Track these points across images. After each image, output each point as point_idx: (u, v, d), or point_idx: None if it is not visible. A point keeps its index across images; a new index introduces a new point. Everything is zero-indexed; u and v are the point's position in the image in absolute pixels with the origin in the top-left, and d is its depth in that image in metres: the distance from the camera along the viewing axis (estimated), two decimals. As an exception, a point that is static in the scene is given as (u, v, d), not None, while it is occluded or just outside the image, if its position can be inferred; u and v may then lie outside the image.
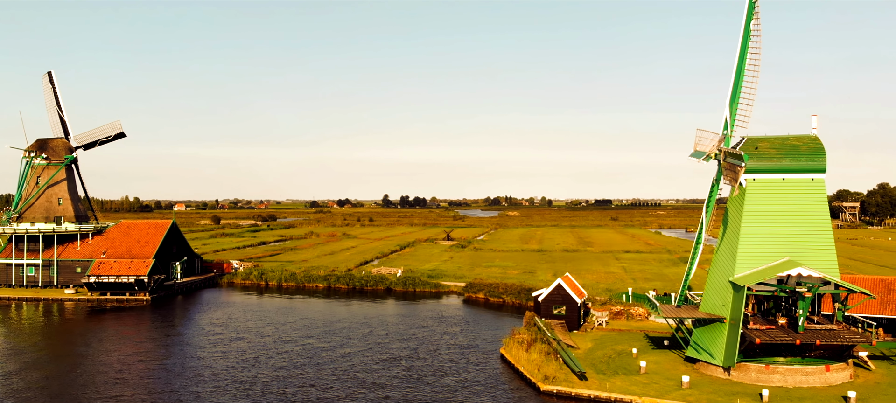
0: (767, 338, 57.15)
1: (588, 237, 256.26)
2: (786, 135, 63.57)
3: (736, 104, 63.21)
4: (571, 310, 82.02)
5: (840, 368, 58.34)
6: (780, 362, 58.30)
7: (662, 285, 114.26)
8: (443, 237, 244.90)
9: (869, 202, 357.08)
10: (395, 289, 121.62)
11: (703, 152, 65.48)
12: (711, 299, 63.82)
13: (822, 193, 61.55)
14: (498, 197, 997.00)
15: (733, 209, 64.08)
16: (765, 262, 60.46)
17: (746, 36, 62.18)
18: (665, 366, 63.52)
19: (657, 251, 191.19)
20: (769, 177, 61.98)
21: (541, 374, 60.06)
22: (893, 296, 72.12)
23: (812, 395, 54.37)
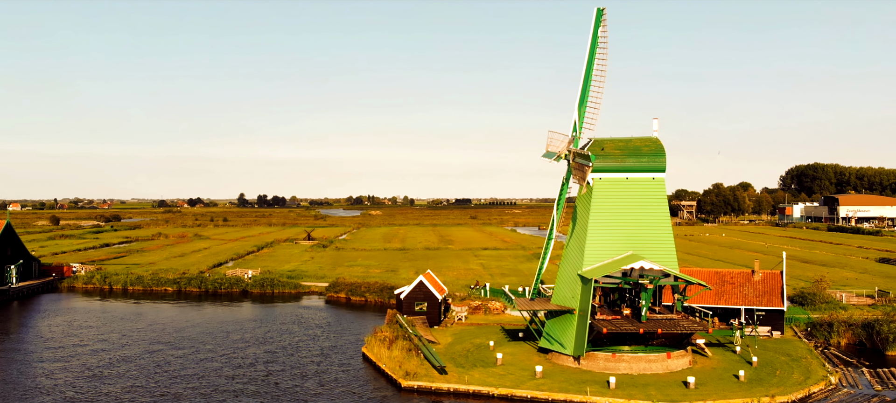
0: (614, 328, 60.52)
1: (449, 235, 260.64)
2: (629, 136, 67.48)
3: (584, 107, 66.41)
4: (433, 307, 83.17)
5: (680, 355, 62.70)
6: (626, 350, 61.90)
7: (518, 280, 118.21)
8: (303, 237, 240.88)
9: (704, 201, 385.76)
10: (252, 291, 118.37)
11: (554, 153, 68.30)
12: (562, 292, 66.76)
13: (662, 192, 65.89)
14: (360, 196, 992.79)
15: (581, 206, 67.34)
16: (610, 256, 64.00)
17: (594, 43, 65.45)
18: (520, 357, 65.79)
19: (513, 247, 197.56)
20: (614, 176, 65.61)
21: (402, 371, 60.54)
22: (727, 287, 78.44)
23: (655, 381, 58.07)
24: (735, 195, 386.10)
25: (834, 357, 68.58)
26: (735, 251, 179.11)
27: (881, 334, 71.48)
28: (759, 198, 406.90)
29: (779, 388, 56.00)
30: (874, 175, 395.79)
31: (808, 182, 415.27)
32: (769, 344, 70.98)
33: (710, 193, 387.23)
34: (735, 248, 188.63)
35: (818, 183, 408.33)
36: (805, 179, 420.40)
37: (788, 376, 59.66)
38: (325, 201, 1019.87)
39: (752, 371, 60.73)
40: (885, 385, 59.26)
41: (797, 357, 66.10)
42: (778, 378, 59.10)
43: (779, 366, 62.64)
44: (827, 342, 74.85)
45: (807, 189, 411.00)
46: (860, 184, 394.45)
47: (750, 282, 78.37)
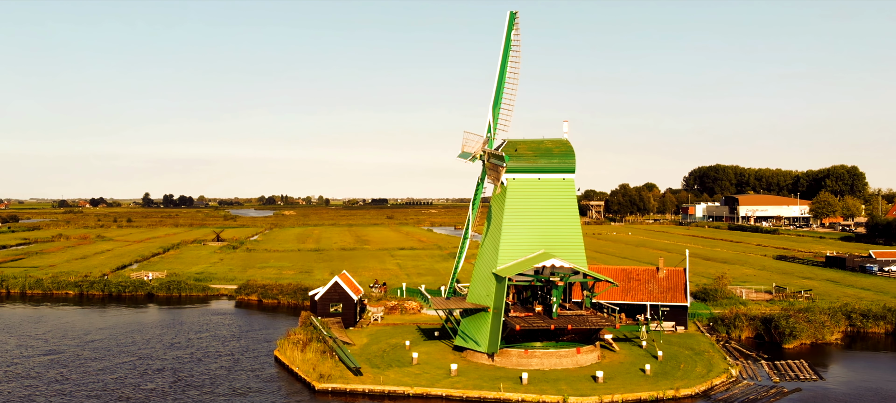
0: (526, 325, 61.62)
1: (365, 235, 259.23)
2: (541, 138, 68.83)
3: (498, 109, 67.36)
4: (348, 308, 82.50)
5: (589, 350, 64.39)
6: (538, 346, 63.12)
7: (434, 279, 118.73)
8: (212, 238, 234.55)
9: (612, 201, 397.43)
10: (158, 294, 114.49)
11: (469, 153, 68.97)
12: (477, 290, 67.48)
13: (572, 192, 67.52)
14: (273, 196, 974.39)
15: (496, 206, 68.26)
16: (523, 255, 65.13)
17: (507, 45, 66.45)
18: (436, 356, 66.11)
19: (429, 247, 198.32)
20: (527, 176, 66.81)
21: (316, 373, 59.80)
22: (633, 284, 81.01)
23: (565, 376, 59.44)
24: (641, 195, 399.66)
25: (735, 351, 71.83)
26: (641, 249, 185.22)
27: (779, 328, 75.35)
28: (663, 198, 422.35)
29: (683, 381, 58.26)
30: (772, 176, 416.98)
31: (710, 183, 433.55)
32: (674, 339, 73.75)
33: (618, 193, 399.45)
34: (641, 246, 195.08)
35: (719, 183, 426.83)
36: (707, 180, 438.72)
37: (692, 369, 62.16)
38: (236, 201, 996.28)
39: (657, 365, 62.98)
40: (782, 376, 62.50)
41: (700, 350, 68.92)
42: (682, 371, 61.48)
43: (683, 360, 65.16)
44: (728, 336, 78.36)
45: (709, 189, 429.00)
46: (759, 185, 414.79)
47: (655, 279, 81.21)
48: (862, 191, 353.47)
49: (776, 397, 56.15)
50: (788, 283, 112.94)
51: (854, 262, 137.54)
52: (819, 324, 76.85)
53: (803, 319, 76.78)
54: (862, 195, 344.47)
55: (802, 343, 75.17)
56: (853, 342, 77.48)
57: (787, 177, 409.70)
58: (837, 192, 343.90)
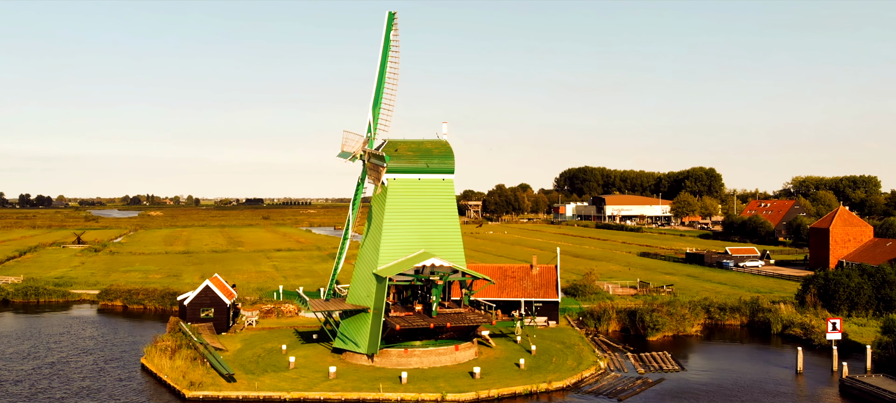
0: (406, 324, 61.91)
1: (239, 236, 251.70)
2: (421, 139, 69.36)
3: (378, 109, 67.30)
4: (220, 312, 79.82)
5: (467, 347, 65.49)
6: (417, 345, 63.57)
7: (313, 281, 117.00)
8: (73, 240, 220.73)
9: (489, 201, 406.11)
10: (14, 301, 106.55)
11: (349, 153, 68.50)
12: (357, 291, 67.12)
13: (451, 192, 68.45)
14: (138, 196, 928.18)
15: (376, 206, 68.17)
16: (404, 255, 65.39)
17: (386, 45, 66.51)
18: (314, 359, 65.20)
19: (308, 248, 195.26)
20: (407, 177, 67.12)
21: (186, 381, 57.50)
22: (509, 281, 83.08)
23: (444, 374, 60.17)
24: (516, 195, 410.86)
25: (603, 344, 75.13)
26: (516, 247, 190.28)
27: (643, 321, 79.44)
28: (536, 198, 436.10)
29: (555, 374, 60.37)
30: (636, 178, 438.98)
31: (579, 183, 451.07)
32: (546, 333, 76.26)
33: (494, 193, 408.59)
34: (516, 245, 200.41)
35: (588, 184, 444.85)
36: (576, 181, 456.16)
37: (563, 362, 64.51)
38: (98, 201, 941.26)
39: (531, 359, 64.94)
40: (646, 367, 65.96)
41: (570, 344, 71.61)
42: (554, 364, 63.69)
43: (555, 353, 67.50)
44: (596, 329, 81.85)
45: (578, 190, 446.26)
46: (624, 186, 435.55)
47: (529, 276, 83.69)
48: (719, 192, 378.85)
49: (641, 387, 59.19)
50: (652, 278, 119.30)
51: (712, 258, 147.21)
52: (680, 317, 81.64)
53: (666, 313, 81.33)
54: (719, 195, 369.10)
55: (665, 335, 79.63)
56: (712, 333, 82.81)
57: (650, 179, 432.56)
58: (696, 193, 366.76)
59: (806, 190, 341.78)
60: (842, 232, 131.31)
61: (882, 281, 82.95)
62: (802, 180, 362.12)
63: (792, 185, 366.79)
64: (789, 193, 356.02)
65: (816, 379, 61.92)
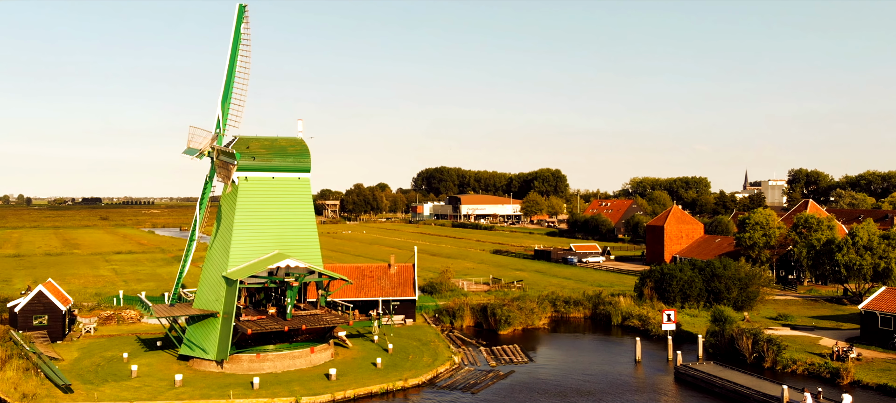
0: (259, 328, 60.22)
1: (75, 238, 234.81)
2: (275, 136, 67.73)
3: (228, 104, 65.00)
4: (55, 319, 74.13)
5: (323, 348, 64.65)
6: (271, 349, 62.02)
7: (156, 285, 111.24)
8: None
9: (347, 200, 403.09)
10: None
11: (196, 149, 65.76)
12: (205, 295, 64.53)
13: (307, 191, 67.31)
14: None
15: (226, 206, 65.82)
16: (256, 256, 63.57)
17: (237, 39, 64.38)
18: (158, 368, 62.04)
19: (151, 250, 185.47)
20: (260, 175, 65.30)
21: (18, 393, 52.96)
22: (367, 281, 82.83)
23: (299, 377, 59.08)
24: (374, 194, 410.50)
25: (458, 340, 76.61)
26: (374, 247, 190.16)
27: (495, 316, 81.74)
28: (395, 197, 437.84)
29: (411, 371, 60.88)
30: (489, 178, 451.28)
31: (436, 183, 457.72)
32: (403, 332, 76.77)
33: (352, 193, 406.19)
34: (374, 244, 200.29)
35: (444, 184, 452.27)
36: (433, 181, 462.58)
37: (419, 359, 65.18)
38: None
39: (388, 358, 65.13)
40: (498, 360, 67.92)
41: (427, 341, 72.50)
42: (410, 361, 64.22)
43: (411, 351, 68.08)
44: (452, 325, 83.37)
45: (435, 189, 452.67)
46: (478, 186, 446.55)
47: (387, 275, 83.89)
48: (564, 192, 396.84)
49: (493, 380, 60.92)
50: (503, 275, 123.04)
51: (558, 255, 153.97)
52: (529, 311, 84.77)
53: (516, 307, 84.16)
54: (564, 195, 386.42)
55: (516, 329, 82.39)
56: (558, 326, 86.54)
57: (502, 179, 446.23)
58: (544, 193, 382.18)
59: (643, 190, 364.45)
60: (675, 230, 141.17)
61: (711, 275, 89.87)
62: (640, 181, 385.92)
63: (630, 186, 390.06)
64: (628, 193, 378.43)
65: (653, 367, 66.21)
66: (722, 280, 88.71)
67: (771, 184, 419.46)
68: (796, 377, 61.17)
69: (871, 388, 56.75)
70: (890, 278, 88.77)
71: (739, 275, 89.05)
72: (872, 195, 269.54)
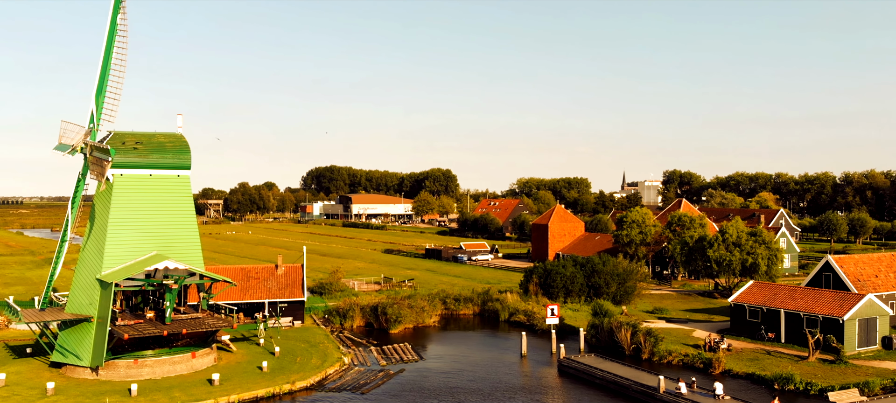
0: (136, 333, 57.56)
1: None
2: (153, 131, 64.94)
3: (102, 98, 61.79)
4: None
5: (205, 353, 62.51)
6: (149, 355, 59.42)
7: (26, 289, 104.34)
8: None
9: (231, 199, 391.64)
10: None
11: (68, 145, 62.18)
12: (78, 299, 61.10)
13: (187, 189, 64.88)
14: None
15: (100, 205, 62.56)
16: (133, 258, 60.72)
17: (112, 29, 61.31)
18: (28, 376, 58.22)
19: (19, 253, 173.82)
20: (136, 172, 62.44)
21: None
22: (252, 283, 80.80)
23: (180, 383, 56.90)
24: (260, 194, 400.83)
25: (348, 340, 76.01)
26: (260, 247, 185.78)
27: (386, 315, 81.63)
28: (282, 197, 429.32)
29: (299, 374, 59.87)
30: (381, 177, 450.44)
31: (326, 182, 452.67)
32: (291, 334, 75.38)
33: (237, 192, 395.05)
34: (261, 245, 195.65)
35: (335, 183, 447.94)
36: (323, 180, 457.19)
37: (308, 361, 64.19)
38: None
39: (274, 361, 63.77)
40: (389, 360, 67.86)
41: (315, 343, 71.51)
42: (298, 364, 63.15)
43: (299, 353, 66.95)
44: (341, 326, 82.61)
45: (325, 189, 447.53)
46: (369, 185, 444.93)
47: (274, 276, 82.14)
48: (455, 192, 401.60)
49: (383, 379, 60.83)
50: (395, 274, 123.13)
51: (448, 253, 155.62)
52: (420, 309, 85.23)
53: (407, 306, 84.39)
54: (454, 195, 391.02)
55: (406, 327, 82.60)
56: (448, 323, 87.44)
57: (393, 178, 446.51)
58: (435, 192, 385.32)
59: (529, 190, 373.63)
60: (559, 228, 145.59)
61: (592, 271, 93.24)
62: (526, 181, 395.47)
63: (517, 186, 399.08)
64: (515, 193, 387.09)
65: (538, 361, 68.04)
66: (602, 275, 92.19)
67: (647, 184, 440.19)
68: (672, 367, 64.38)
69: (740, 377, 60.42)
70: (757, 273, 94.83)
71: (618, 271, 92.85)
72: (741, 195, 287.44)
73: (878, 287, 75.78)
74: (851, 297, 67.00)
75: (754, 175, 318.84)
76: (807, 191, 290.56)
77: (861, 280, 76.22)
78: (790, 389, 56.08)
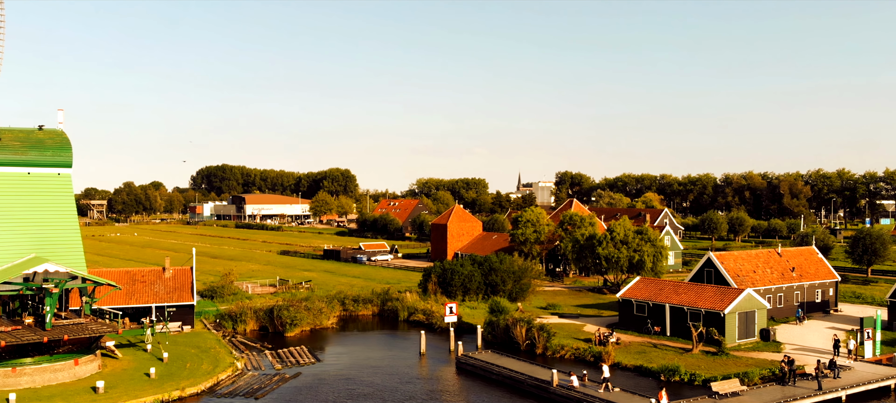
0: (13, 340, 54.12)
1: None
2: (31, 127, 61.32)
3: (-26, 90, 57.88)
4: None
5: (89, 360, 59.43)
6: (28, 363, 56.00)
7: None
8: None
9: (116, 200, 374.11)
10: None
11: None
12: (-55, 306, 56.87)
13: (68, 189, 61.65)
14: None
15: (-28, 205, 58.49)
16: (9, 260, 57.20)
17: (-14, 17, 57.54)
18: None
19: None
20: (13, 170, 58.94)
21: None
22: (138, 286, 77.50)
23: (62, 391, 53.91)
24: (147, 194, 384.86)
25: (241, 344, 74.09)
26: (147, 250, 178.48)
27: (281, 318, 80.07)
28: (171, 197, 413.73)
29: (189, 380, 57.89)
30: (276, 177, 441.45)
31: (218, 182, 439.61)
32: (180, 339, 72.78)
33: (122, 192, 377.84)
34: (147, 247, 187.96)
35: (227, 183, 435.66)
36: (215, 179, 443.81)
37: (198, 367, 62.14)
38: None
39: (163, 368, 61.37)
40: (284, 363, 66.60)
41: (206, 348, 69.32)
42: (188, 370, 61.04)
43: (189, 359, 64.72)
44: (235, 330, 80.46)
45: (216, 188, 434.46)
46: (264, 185, 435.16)
47: (161, 280, 79.09)
48: (354, 192, 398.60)
49: (278, 383, 59.68)
50: (291, 276, 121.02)
51: (347, 254, 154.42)
52: (317, 311, 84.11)
53: (303, 308, 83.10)
54: (354, 195, 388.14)
55: (303, 330, 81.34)
56: (346, 324, 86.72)
57: (290, 178, 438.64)
58: (333, 192, 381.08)
59: (428, 190, 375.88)
60: (457, 228, 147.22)
61: (489, 269, 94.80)
62: (425, 182, 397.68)
63: (417, 186, 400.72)
64: (414, 193, 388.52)
65: (437, 359, 68.54)
66: (498, 273, 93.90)
67: (541, 184, 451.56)
68: (565, 361, 66.34)
69: (629, 369, 62.91)
70: (643, 269, 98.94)
71: (513, 269, 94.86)
72: (628, 195, 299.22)
73: (757, 282, 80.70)
74: (731, 292, 71.01)
75: (640, 176, 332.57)
76: (689, 191, 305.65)
77: (740, 275, 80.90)
78: (676, 380, 58.87)
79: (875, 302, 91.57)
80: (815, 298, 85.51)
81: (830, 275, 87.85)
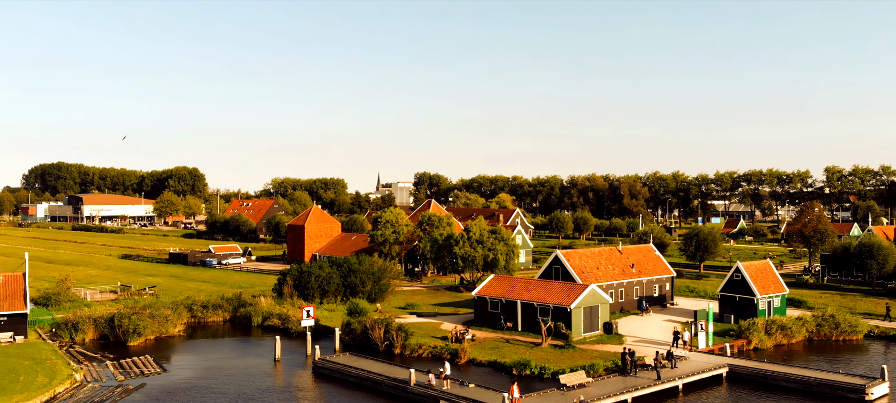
0: None
1: None
2: None
3: None
4: None
5: None
6: None
7: None
8: None
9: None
10: None
11: None
12: None
13: None
14: None
15: None
16: None
17: None
18: None
19: None
20: None
21: None
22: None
23: None
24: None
25: (79, 355, 69.29)
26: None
27: (123, 326, 75.49)
28: (0, 197, 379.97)
29: (22, 394, 53.47)
30: (117, 176, 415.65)
31: (53, 181, 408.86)
32: (12, 350, 67.06)
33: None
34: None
35: (63, 182, 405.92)
36: (49, 178, 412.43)
37: (32, 380, 57.52)
38: None
39: (-9, 383, 56.31)
40: (127, 374, 62.86)
41: (41, 359, 64.28)
42: (21, 383, 56.37)
43: (22, 371, 59.77)
44: (72, 340, 75.13)
45: (51, 188, 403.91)
46: (104, 184, 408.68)
47: (-11, 288, 72.45)
48: (203, 192, 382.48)
49: (121, 395, 56.32)
50: (134, 281, 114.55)
51: (196, 257, 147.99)
52: (163, 318, 79.91)
53: (147, 315, 78.73)
54: (203, 195, 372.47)
55: (148, 338, 77.11)
56: (195, 332, 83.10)
57: (132, 177, 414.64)
58: (180, 192, 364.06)
59: (285, 190, 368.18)
60: (315, 229, 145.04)
61: (348, 271, 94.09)
62: (281, 181, 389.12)
63: (272, 186, 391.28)
64: (270, 193, 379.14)
65: (293, 364, 67.14)
66: (357, 274, 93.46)
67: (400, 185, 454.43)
68: (423, 360, 67.01)
69: (484, 365, 64.49)
70: (497, 267, 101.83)
71: (373, 270, 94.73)
72: (483, 196, 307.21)
73: (600, 278, 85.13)
74: (577, 288, 74.50)
75: (494, 177, 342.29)
76: (539, 192, 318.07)
77: (585, 272, 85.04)
78: (527, 374, 61.01)
79: (707, 295, 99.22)
80: (653, 293, 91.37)
81: (667, 271, 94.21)
